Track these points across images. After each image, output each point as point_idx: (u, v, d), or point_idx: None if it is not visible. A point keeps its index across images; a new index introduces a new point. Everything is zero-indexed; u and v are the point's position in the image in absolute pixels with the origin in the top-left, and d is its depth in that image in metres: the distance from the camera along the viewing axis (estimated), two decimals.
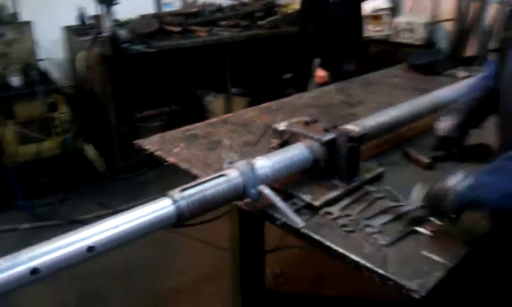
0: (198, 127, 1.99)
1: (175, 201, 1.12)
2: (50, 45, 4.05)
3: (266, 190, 1.24)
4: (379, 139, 1.75)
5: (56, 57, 4.18)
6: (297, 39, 4.42)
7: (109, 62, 3.35)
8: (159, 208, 1.10)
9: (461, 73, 2.77)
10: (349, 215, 1.30)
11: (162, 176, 3.36)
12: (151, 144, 1.79)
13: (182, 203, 1.12)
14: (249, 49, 4.19)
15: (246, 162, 1.28)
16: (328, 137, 1.41)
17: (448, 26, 5.28)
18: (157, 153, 1.73)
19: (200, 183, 1.19)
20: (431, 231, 1.23)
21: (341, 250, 1.16)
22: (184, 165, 1.61)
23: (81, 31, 3.73)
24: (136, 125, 3.75)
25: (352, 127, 1.45)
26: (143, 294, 2.55)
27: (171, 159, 1.67)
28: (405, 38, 5.12)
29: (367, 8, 5.35)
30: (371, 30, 5.35)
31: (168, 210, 1.11)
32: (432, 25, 5.27)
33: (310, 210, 1.33)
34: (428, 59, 2.88)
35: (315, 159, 1.42)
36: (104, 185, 3.53)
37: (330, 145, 1.42)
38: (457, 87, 2.09)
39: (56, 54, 4.19)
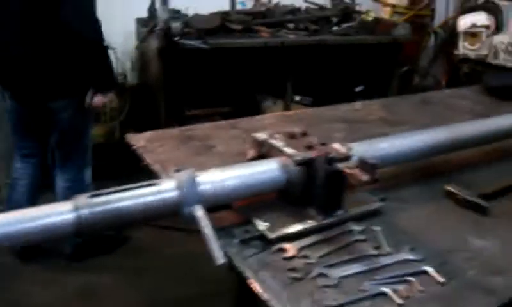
0: (200, 128, 1.80)
1: (76, 208, 0.93)
2: (124, 35, 4.16)
3: (199, 212, 1.01)
4: (396, 167, 1.43)
5: (128, 48, 4.28)
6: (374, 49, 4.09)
7: (162, 55, 3.28)
8: (54, 212, 0.92)
9: None
10: (306, 257, 1.02)
11: None
12: (138, 140, 1.63)
13: (85, 212, 0.93)
14: (318, 55, 3.91)
15: (189, 173, 1.05)
16: (304, 156, 1.14)
17: None
18: (139, 150, 1.56)
19: (117, 191, 0.99)
20: (404, 298, 0.92)
21: (269, 301, 0.90)
22: (156, 167, 1.43)
23: (147, 22, 3.72)
24: (186, 122, 3.65)
25: (338, 147, 1.16)
26: None
27: (147, 159, 1.49)
28: (504, 60, 4.50)
29: (463, 23, 4.82)
30: (466, 48, 4.80)
31: (64, 217, 0.92)
32: None
33: (263, 242, 1.08)
34: (506, 82, 2.41)
35: (289, 181, 1.15)
36: (146, 178, 3.47)
37: (308, 166, 1.14)
38: None
39: (129, 45, 4.28)
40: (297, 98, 4.18)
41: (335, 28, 3.90)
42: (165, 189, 1.02)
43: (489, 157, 1.63)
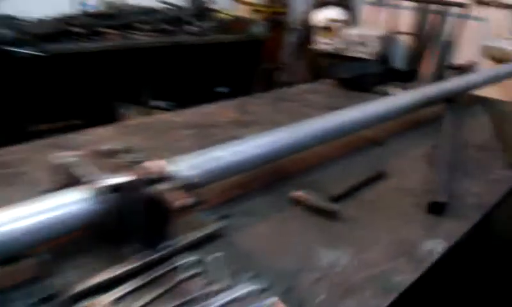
0: (14, 151, 1.47)
1: None
2: None
3: None
4: (244, 175, 1.26)
5: None
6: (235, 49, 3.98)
7: None
8: None
9: (393, 90, 2.32)
10: None
11: None
12: None
13: None
14: (176, 58, 3.69)
15: None
16: (115, 181, 0.91)
17: (405, 40, 4.88)
18: None
19: None
20: None
21: None
22: None
23: None
24: (30, 139, 3.19)
25: (159, 165, 0.95)
26: None
27: None
28: (357, 51, 4.70)
29: (318, 19, 4.94)
30: (321, 42, 4.93)
31: None
32: (387, 38, 4.87)
33: (64, 299, 0.82)
34: (356, 73, 2.41)
35: (98, 214, 0.91)
36: None
37: (121, 193, 0.91)
38: (373, 106, 1.63)
39: None
40: (156, 103, 3.92)
41: (191, 28, 3.72)
42: None
43: (338, 153, 1.55)
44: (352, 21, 5.08)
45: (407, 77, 2.59)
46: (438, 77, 4.38)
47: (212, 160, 1.06)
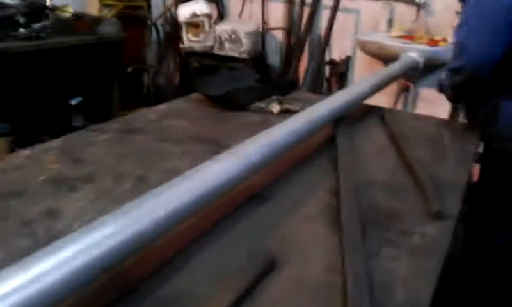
0: None
1: None
2: None
3: None
4: None
5: None
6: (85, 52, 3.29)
7: None
8: None
9: (275, 107, 1.89)
10: None
11: None
12: None
13: None
14: (8, 69, 2.92)
15: None
16: None
17: (278, 35, 4.56)
18: None
19: None
20: None
21: None
22: None
23: None
24: None
25: None
26: None
27: None
28: (229, 50, 4.26)
29: (183, 13, 4.40)
30: (190, 40, 4.41)
31: None
32: (261, 34, 4.50)
33: None
34: (228, 88, 1.94)
35: None
36: None
37: None
38: (254, 146, 1.15)
39: None
40: None
41: (22, 31, 2.95)
42: None
43: (204, 226, 1.06)
44: (220, 15, 4.62)
45: (286, 86, 2.18)
46: (315, 74, 4.12)
47: None
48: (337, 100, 1.66)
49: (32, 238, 0.99)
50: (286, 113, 1.83)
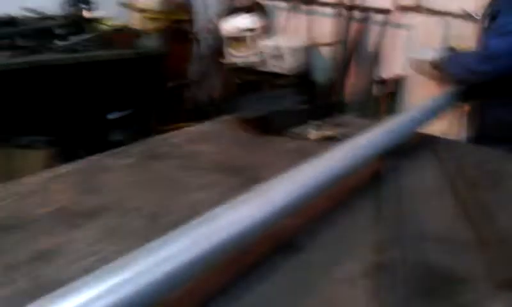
0: None
1: None
2: None
3: None
4: None
5: None
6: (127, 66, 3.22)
7: None
8: None
9: (312, 133, 1.70)
10: None
11: None
12: None
13: None
14: (43, 81, 2.88)
15: None
16: None
17: (327, 51, 4.35)
18: None
19: None
20: None
21: None
22: None
23: None
24: None
25: None
26: None
27: None
28: (272, 66, 4.10)
29: (226, 28, 4.29)
30: (233, 55, 4.28)
31: None
32: (307, 50, 4.32)
33: None
34: (266, 110, 1.77)
35: None
36: None
37: None
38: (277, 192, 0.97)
39: None
40: (24, 140, 3.09)
41: (59, 43, 2.91)
42: None
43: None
44: (268, 30, 4.47)
45: (327, 109, 1.99)
46: (362, 92, 3.89)
47: None
48: (385, 130, 1.44)
49: (12, 287, 0.84)
50: (324, 140, 1.64)
